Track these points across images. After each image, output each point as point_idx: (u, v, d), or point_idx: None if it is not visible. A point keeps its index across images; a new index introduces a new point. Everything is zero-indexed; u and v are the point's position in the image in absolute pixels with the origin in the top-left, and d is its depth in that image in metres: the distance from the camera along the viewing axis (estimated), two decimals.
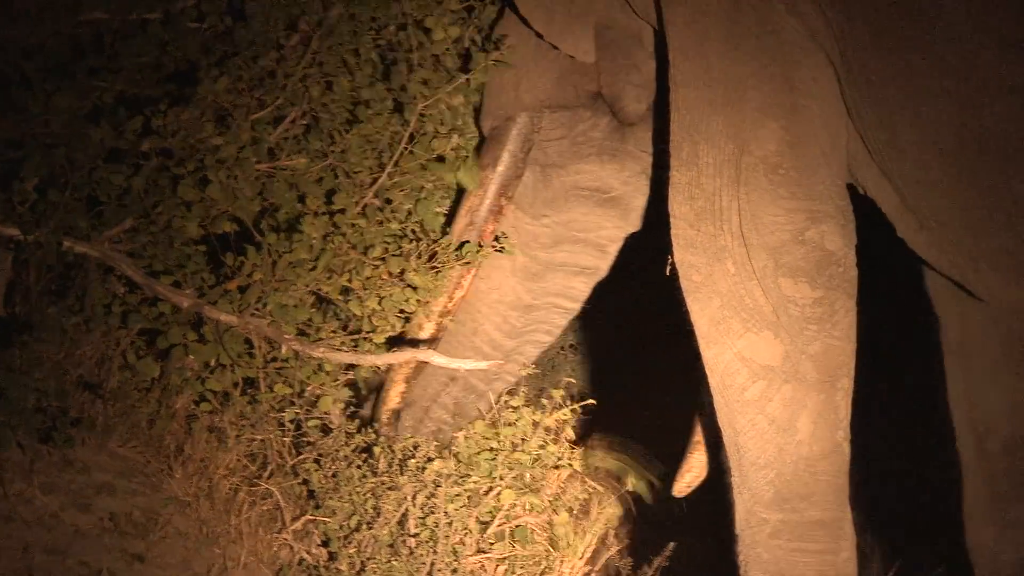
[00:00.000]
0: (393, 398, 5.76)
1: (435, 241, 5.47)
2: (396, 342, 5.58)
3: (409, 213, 5.51)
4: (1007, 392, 5.57)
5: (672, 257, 5.27)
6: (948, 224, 5.03)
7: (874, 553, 6.37)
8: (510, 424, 5.34)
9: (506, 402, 5.40)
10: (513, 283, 6.00)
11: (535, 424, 5.34)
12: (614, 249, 6.06)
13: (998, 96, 4.76)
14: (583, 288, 6.11)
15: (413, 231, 5.49)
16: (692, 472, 5.90)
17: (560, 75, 5.70)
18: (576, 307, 6.16)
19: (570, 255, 6.01)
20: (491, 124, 5.75)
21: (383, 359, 5.37)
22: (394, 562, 5.06)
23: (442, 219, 5.55)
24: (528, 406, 5.39)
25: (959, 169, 4.89)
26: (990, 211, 4.90)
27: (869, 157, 5.13)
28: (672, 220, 5.25)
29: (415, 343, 5.66)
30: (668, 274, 5.33)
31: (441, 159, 5.49)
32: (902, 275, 5.74)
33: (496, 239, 5.69)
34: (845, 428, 5.21)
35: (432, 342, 5.70)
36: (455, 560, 5.08)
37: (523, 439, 5.32)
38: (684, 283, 5.26)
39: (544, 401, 5.37)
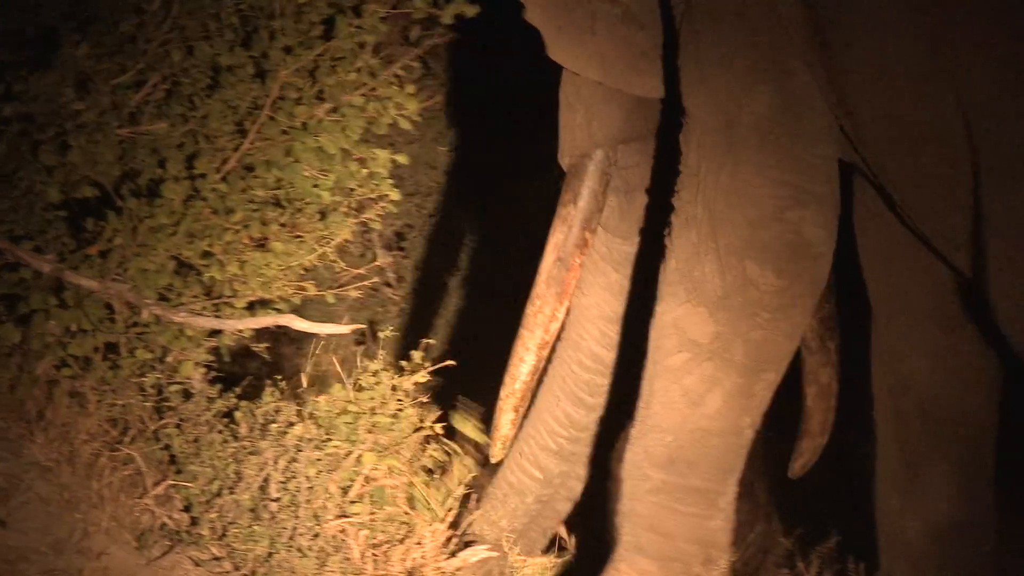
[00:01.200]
0: (504, 425, 5.84)
1: (299, 209, 5.48)
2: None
3: (278, 180, 5.49)
4: (928, 349, 5.66)
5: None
6: (909, 204, 5.14)
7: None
8: (367, 388, 5.38)
9: (364, 365, 5.43)
10: (608, 297, 6.10)
11: (394, 388, 5.39)
12: None
13: (910, 83, 4.86)
14: None
15: (277, 197, 5.49)
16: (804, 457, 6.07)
17: (629, 110, 5.79)
18: None
19: None
20: (568, 161, 5.85)
21: (244, 324, 5.38)
22: (255, 527, 5.09)
23: (311, 185, 5.53)
24: (386, 369, 5.42)
25: (893, 152, 5.01)
26: (929, 191, 5.02)
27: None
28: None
29: (516, 376, 5.78)
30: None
31: (304, 126, 5.49)
32: None
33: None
34: (754, 416, 5.36)
35: (534, 374, 5.83)
36: (316, 525, 5.11)
37: (382, 402, 5.36)
38: (665, 241, 5.39)
39: (403, 363, 5.41)
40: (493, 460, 5.83)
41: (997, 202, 4.84)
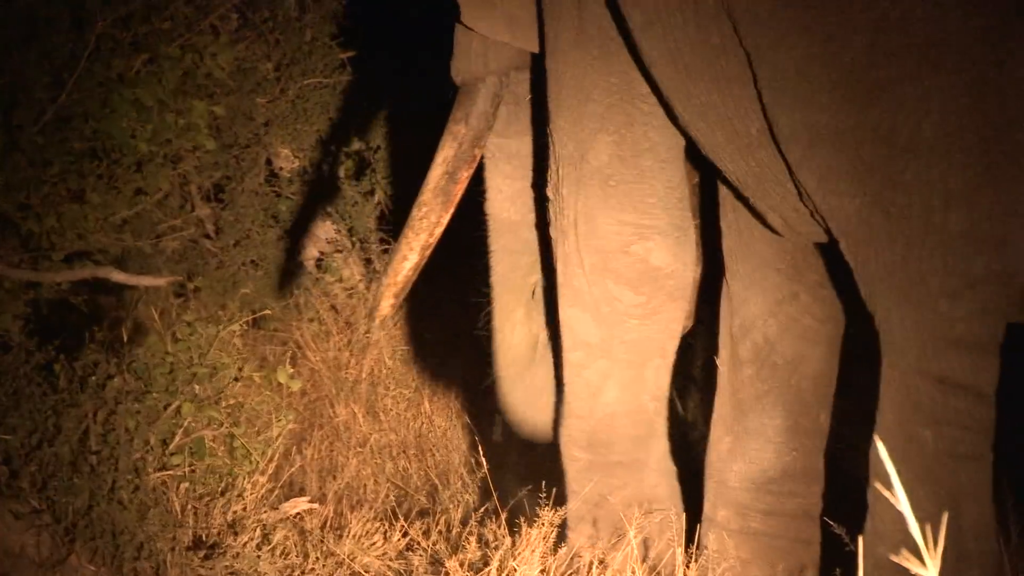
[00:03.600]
0: (384, 308, 5.92)
1: (116, 161, 5.45)
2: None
3: (95, 132, 5.46)
4: (768, 294, 5.81)
5: None
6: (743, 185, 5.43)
7: None
8: (184, 339, 5.38)
9: (179, 316, 5.42)
10: (506, 181, 6.22)
11: (211, 339, 5.39)
12: None
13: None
14: None
15: (94, 149, 5.46)
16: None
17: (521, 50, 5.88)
18: None
19: None
20: (462, 79, 5.94)
21: (63, 276, 5.36)
22: (76, 480, 5.06)
23: (129, 136, 5.51)
24: (203, 320, 5.41)
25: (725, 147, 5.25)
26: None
27: None
28: None
29: (400, 271, 5.81)
30: None
31: (121, 77, 5.45)
32: None
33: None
34: (652, 392, 5.70)
35: (416, 270, 5.86)
36: (136, 477, 5.11)
37: (200, 353, 5.37)
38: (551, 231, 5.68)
39: (220, 313, 5.40)
40: (377, 322, 5.86)
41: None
